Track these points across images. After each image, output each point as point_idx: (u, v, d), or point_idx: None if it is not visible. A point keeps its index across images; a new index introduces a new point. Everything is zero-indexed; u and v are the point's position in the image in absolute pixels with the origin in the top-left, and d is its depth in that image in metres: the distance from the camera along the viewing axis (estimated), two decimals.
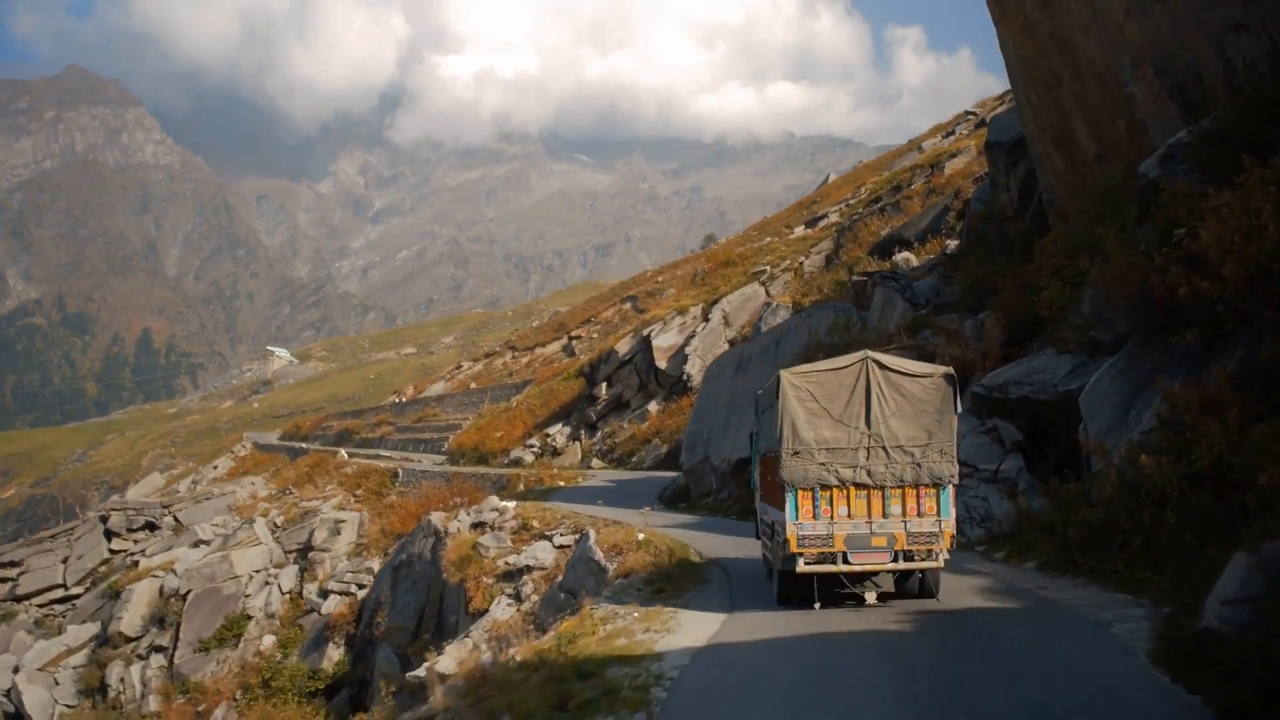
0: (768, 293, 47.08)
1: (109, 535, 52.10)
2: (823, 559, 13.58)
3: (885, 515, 13.54)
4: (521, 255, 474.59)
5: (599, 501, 29.07)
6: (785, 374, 14.02)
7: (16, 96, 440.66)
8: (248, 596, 44.09)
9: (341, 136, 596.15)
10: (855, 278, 28.68)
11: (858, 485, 13.56)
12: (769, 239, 57.20)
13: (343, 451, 62.16)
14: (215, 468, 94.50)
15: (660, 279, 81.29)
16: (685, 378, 46.66)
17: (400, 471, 50.83)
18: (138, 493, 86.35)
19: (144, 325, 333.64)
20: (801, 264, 46.69)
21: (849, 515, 13.59)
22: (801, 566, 13.61)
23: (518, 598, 20.26)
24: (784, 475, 13.66)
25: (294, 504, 49.63)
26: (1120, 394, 14.61)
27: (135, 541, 52.00)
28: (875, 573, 14.00)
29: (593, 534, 20.15)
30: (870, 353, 14.10)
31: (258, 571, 45.58)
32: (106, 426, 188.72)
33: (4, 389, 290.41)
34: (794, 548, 13.55)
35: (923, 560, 13.55)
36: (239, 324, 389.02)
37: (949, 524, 13.55)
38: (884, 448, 13.52)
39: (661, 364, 48.41)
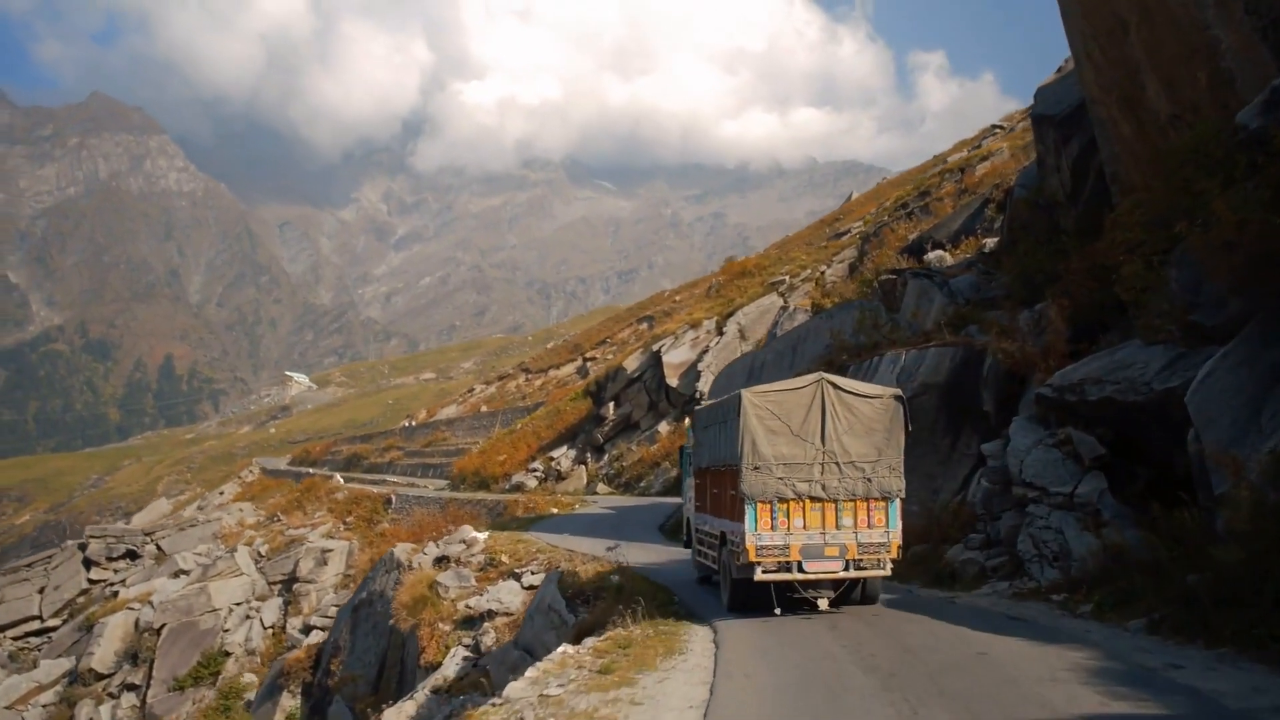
0: (786, 303, 43.57)
1: (88, 564, 48.96)
2: (780, 568, 14.25)
3: (838, 526, 14.30)
4: (544, 282, 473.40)
5: (591, 532, 25.56)
6: (746, 393, 14.55)
7: (41, 123, 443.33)
8: (226, 631, 40.96)
9: (364, 163, 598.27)
10: (884, 276, 25.15)
11: (813, 498, 14.26)
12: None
13: (338, 476, 58.94)
14: (221, 493, 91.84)
15: (678, 298, 78.19)
16: (698, 396, 43.15)
17: (393, 497, 47.55)
18: (142, 519, 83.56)
19: (166, 351, 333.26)
20: (823, 273, 43.08)
21: (804, 526, 14.27)
22: (759, 575, 14.26)
23: (476, 649, 16.67)
24: (744, 489, 14.22)
25: (280, 532, 46.30)
26: (1245, 391, 10.96)
27: (115, 571, 48.83)
28: (828, 581, 14.52)
29: (556, 578, 16.47)
30: (825, 375, 14.84)
31: (238, 604, 42.32)
32: (123, 452, 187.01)
33: (26, 415, 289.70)
34: (752, 557, 14.18)
35: (872, 569, 14.38)
36: (262, 350, 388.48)
37: (896, 535, 14.38)
38: (837, 463, 14.28)
39: (673, 381, 44.93)
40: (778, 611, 14.33)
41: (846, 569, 14.27)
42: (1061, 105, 23.06)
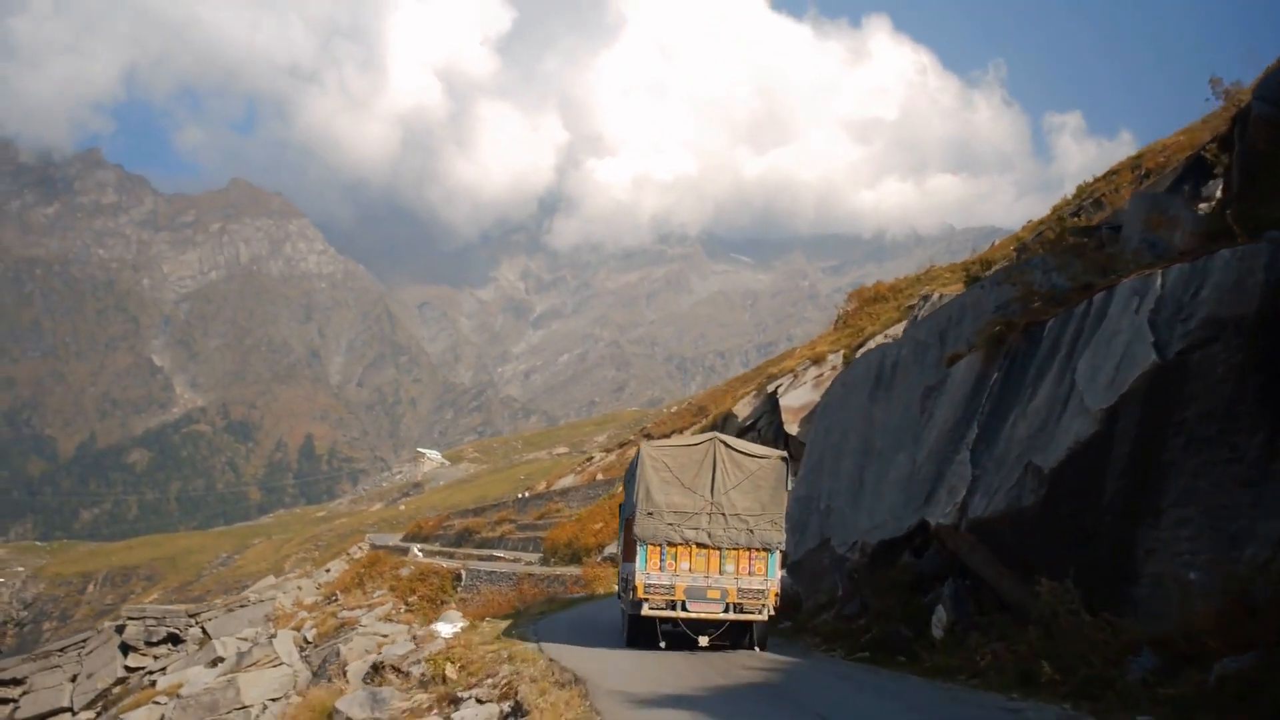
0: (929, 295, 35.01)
1: (125, 649, 43.12)
2: (666, 605, 15.50)
3: (721, 572, 15.50)
4: (683, 357, 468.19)
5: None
6: (644, 447, 16.53)
7: (184, 210, 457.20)
8: None
9: (502, 243, 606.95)
10: (1073, 231, 16.85)
11: (699, 545, 15.53)
12: (930, 265, 44.70)
13: (414, 549, 52.29)
14: (328, 570, 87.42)
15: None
16: None
17: (463, 573, 40.37)
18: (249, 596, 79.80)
19: (307, 431, 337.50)
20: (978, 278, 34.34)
21: (690, 569, 15.49)
22: (646, 610, 15.57)
23: None
24: (637, 532, 15.70)
25: (332, 614, 39.53)
26: None
27: (155, 658, 42.86)
28: (710, 622, 15.52)
29: None
30: (718, 435, 16.49)
31: (274, 699, 35.58)
32: (254, 530, 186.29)
33: (169, 495, 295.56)
34: (641, 594, 15.51)
35: (752, 614, 15.50)
36: (402, 429, 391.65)
37: (774, 584, 15.54)
38: (723, 514, 15.53)
39: (792, 428, 36.67)
40: (662, 645, 15.50)
41: (727, 611, 15.27)
42: None
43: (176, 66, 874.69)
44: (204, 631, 43.38)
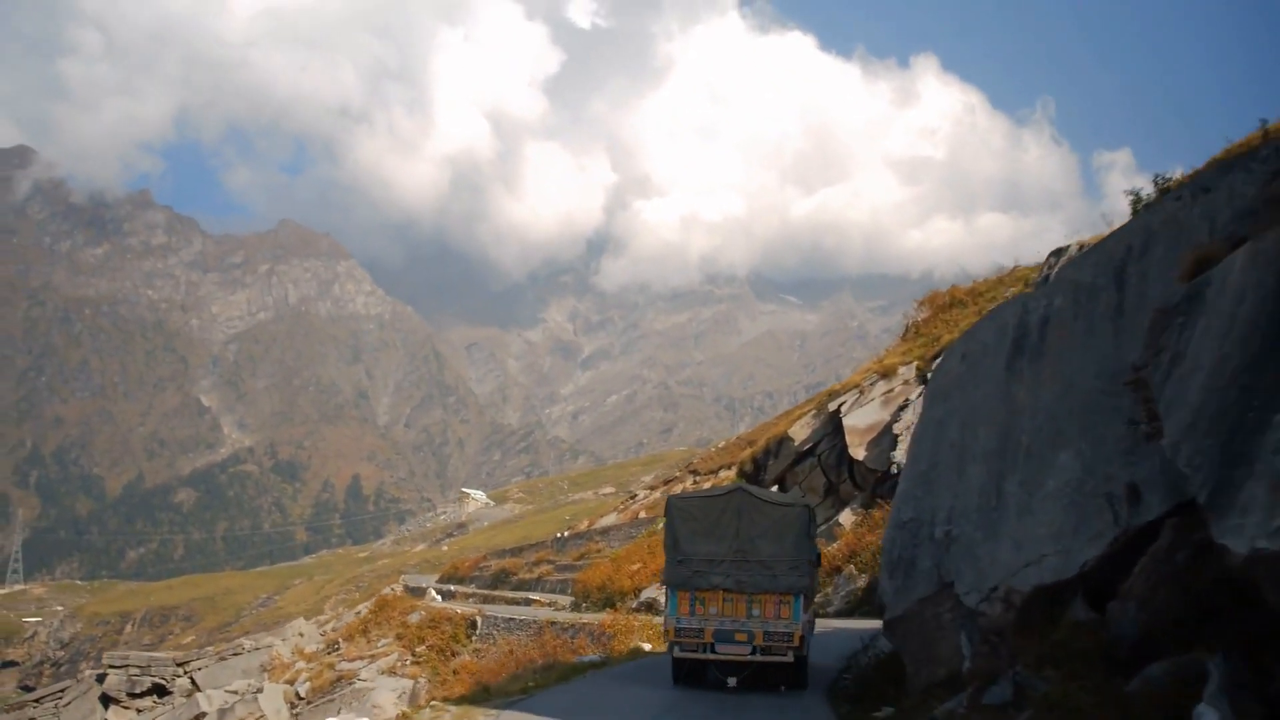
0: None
1: (106, 701, 38.43)
2: (696, 648, 16.36)
3: (748, 616, 16.11)
4: (731, 397, 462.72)
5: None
6: (672, 499, 17.71)
7: (233, 251, 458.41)
8: None
9: (550, 284, 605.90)
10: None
11: (726, 590, 16.15)
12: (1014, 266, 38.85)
13: (432, 590, 47.54)
14: (358, 612, 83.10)
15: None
16: (897, 471, 29.54)
17: (479, 620, 35.21)
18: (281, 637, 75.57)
19: (354, 472, 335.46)
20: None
21: (718, 613, 16.19)
22: (677, 653, 16.70)
23: None
24: (666, 578, 16.86)
25: (330, 665, 34.53)
26: None
27: (138, 710, 38.11)
28: (739, 663, 16.26)
29: None
30: (743, 485, 19.12)
31: None
32: (295, 570, 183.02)
33: (215, 535, 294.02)
34: (671, 637, 16.68)
35: (779, 656, 16.04)
36: (449, 470, 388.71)
37: (799, 628, 15.97)
38: (749, 561, 16.14)
39: (858, 452, 31.46)
40: (683, 685, 16.82)
41: (754, 654, 16.04)
42: None
43: (226, 108, 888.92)
44: (193, 682, 38.56)
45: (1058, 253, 26.06)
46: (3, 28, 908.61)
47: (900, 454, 30.11)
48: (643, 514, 76.47)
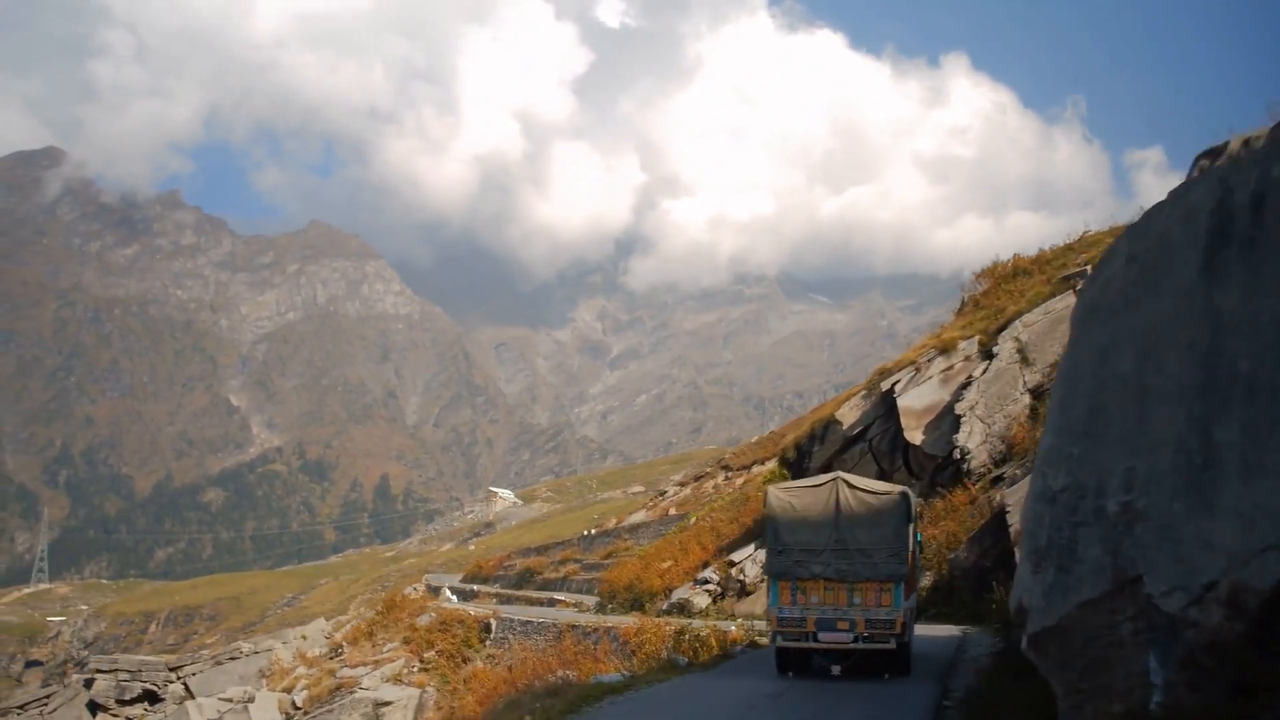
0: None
1: (94, 708, 35.68)
2: (798, 637, 16.56)
3: (849, 604, 16.23)
4: (760, 397, 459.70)
5: None
6: (771, 489, 17.53)
7: (262, 251, 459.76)
8: None
9: (579, 283, 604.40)
10: None
11: (827, 579, 16.29)
12: (1086, 229, 35.12)
13: (446, 590, 44.53)
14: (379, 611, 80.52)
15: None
16: (960, 457, 26.20)
17: (493, 623, 32.03)
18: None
19: (382, 471, 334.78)
20: None
21: (820, 602, 16.35)
22: (780, 642, 16.85)
23: None
24: (768, 568, 17.39)
25: (330, 672, 31.47)
26: None
27: (128, 719, 35.28)
28: (843, 651, 16.35)
29: None
30: (841, 475, 17.34)
31: None
32: (320, 570, 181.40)
33: (243, 535, 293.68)
34: (774, 626, 16.85)
35: (881, 644, 16.05)
36: (478, 470, 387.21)
37: (900, 614, 16.00)
38: (848, 549, 16.25)
39: (915, 436, 28.13)
40: (790, 675, 16.76)
41: (856, 641, 16.11)
42: None
43: (255, 108, 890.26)
44: (186, 688, 35.68)
45: (1212, 153, 22.30)
46: (33, 29, 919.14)
47: (966, 438, 26.66)
48: (673, 511, 73.60)
